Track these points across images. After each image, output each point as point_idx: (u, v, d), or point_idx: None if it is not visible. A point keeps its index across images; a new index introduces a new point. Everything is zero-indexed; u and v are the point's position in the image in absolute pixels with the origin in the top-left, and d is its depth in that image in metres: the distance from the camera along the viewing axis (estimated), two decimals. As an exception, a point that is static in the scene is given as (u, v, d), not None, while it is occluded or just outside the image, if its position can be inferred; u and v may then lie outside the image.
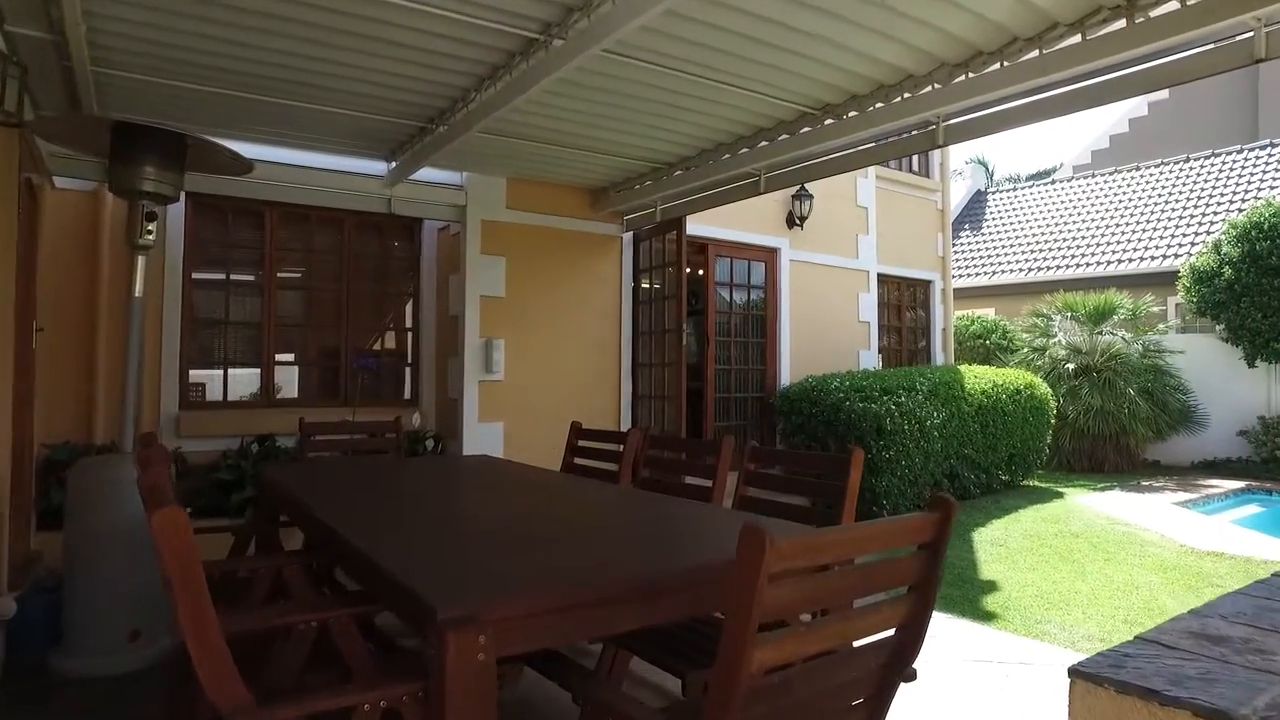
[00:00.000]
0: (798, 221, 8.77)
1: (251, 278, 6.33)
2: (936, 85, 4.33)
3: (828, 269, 9.26)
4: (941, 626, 4.65)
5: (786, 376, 8.77)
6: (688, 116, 5.15)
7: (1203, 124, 19.36)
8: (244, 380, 6.36)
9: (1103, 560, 6.20)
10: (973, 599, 5.32)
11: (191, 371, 6.04)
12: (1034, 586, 5.56)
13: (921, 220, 10.94)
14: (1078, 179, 17.54)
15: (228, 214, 6.15)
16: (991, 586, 5.60)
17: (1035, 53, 3.84)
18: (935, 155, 11.15)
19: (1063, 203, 16.70)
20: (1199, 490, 9.36)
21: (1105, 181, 16.56)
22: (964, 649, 4.30)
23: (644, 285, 7.58)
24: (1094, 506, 8.34)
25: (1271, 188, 13.44)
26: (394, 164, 6.15)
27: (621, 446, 4.13)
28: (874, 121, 4.78)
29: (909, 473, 7.76)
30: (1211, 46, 3.57)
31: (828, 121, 5.04)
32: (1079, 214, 15.92)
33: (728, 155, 5.85)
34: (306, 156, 6.02)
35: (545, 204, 7.01)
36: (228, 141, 4.77)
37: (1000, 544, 6.76)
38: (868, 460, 7.48)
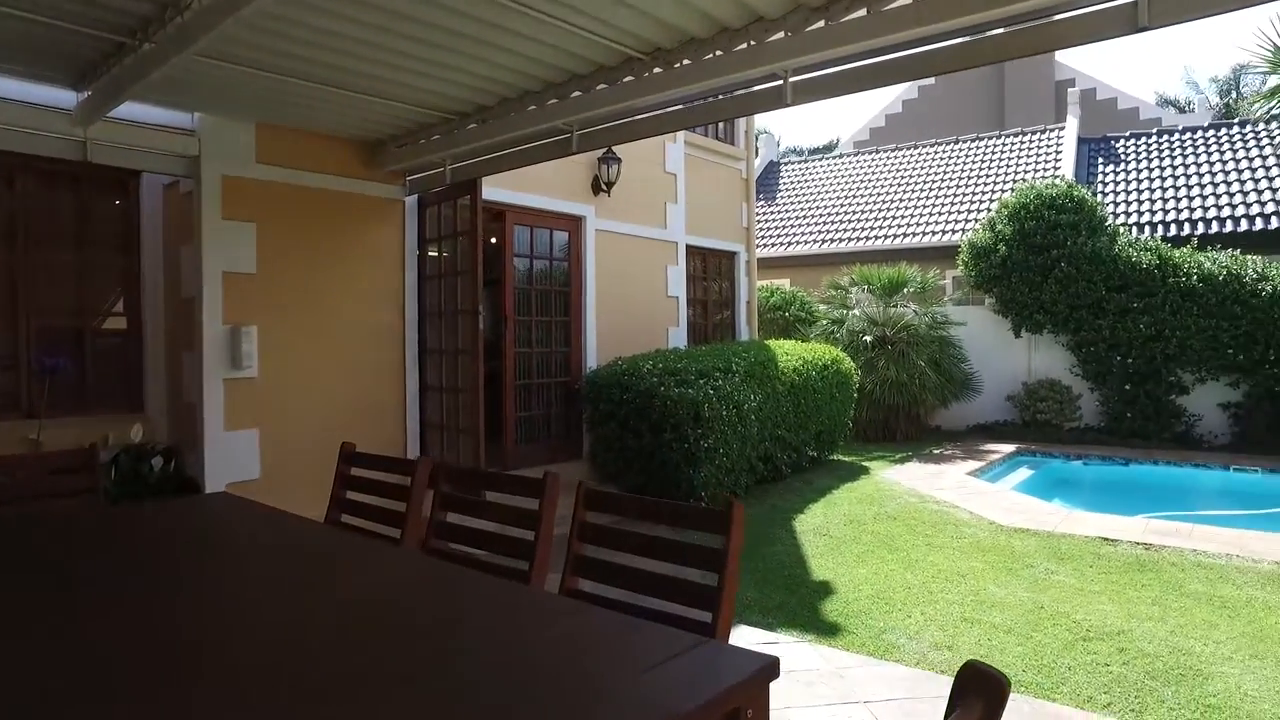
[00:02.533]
0: (604, 187, 8.00)
1: None
2: (789, 33, 3.67)
3: (636, 240, 8.59)
4: (789, 655, 4.14)
5: (593, 359, 8.03)
6: (487, 54, 4.16)
7: (962, 109, 20.90)
8: None
9: (925, 546, 6.07)
10: (811, 606, 4.89)
11: None
12: (868, 584, 5.25)
13: (727, 189, 10.57)
14: (863, 154, 18.24)
15: None
16: (826, 589, 5.22)
17: (908, -3, 3.27)
18: (740, 121, 10.80)
19: (851, 176, 17.27)
20: (982, 457, 9.83)
21: (889, 157, 17.30)
22: (820, 685, 3.80)
23: (432, 256, 6.47)
24: (900, 481, 8.41)
25: (1028, 171, 14.56)
26: (85, 94, 4.60)
27: (410, 480, 3.14)
28: (709, 73, 4.07)
29: (727, 461, 7.33)
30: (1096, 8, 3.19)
31: (655, 70, 4.27)
32: (867, 188, 16.51)
33: (534, 106, 4.93)
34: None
35: (308, 158, 5.69)
36: None
37: (823, 533, 6.48)
38: (684, 450, 6.95)
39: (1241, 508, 8.03)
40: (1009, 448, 10.49)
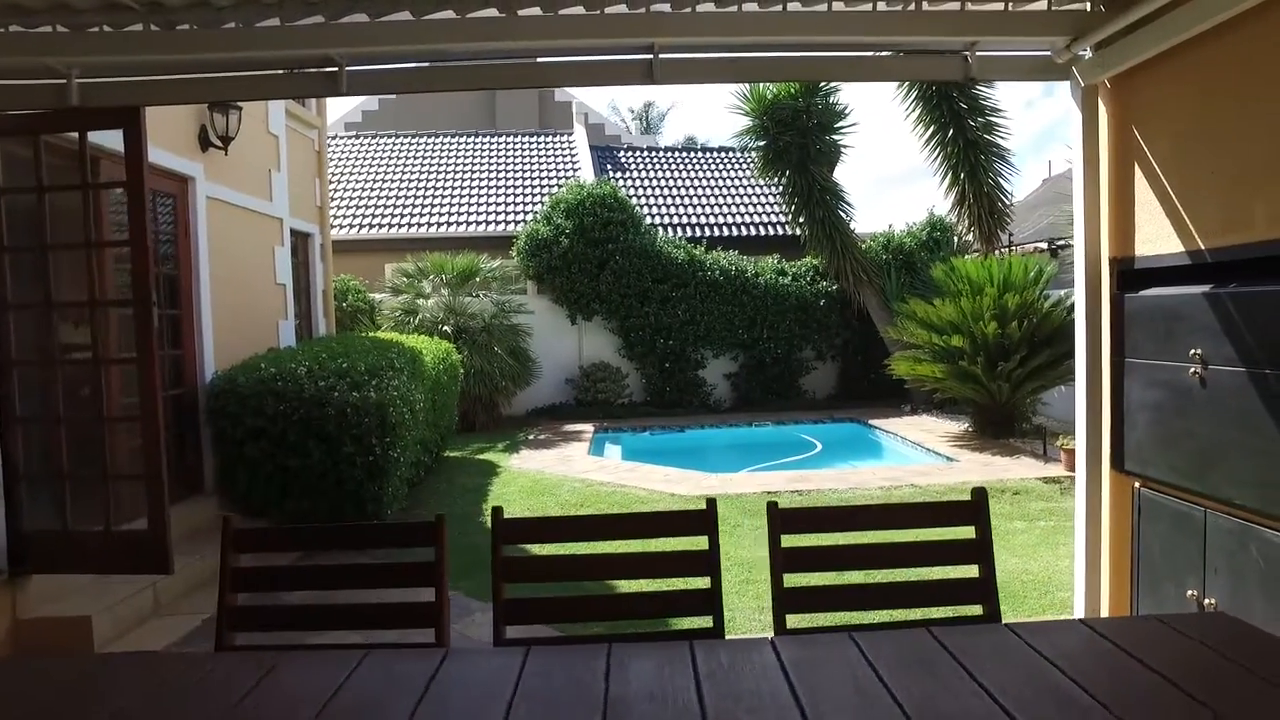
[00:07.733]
0: (217, 143, 6.18)
1: None
2: (655, 7, 3.49)
3: (247, 213, 6.84)
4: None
5: (211, 363, 6.18)
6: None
7: (456, 101, 21.35)
8: None
9: (642, 528, 6.24)
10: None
11: None
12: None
13: (303, 161, 9.08)
14: (382, 137, 17.33)
15: None
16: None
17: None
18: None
19: (370, 160, 16.28)
20: (578, 437, 10.39)
21: (410, 142, 16.79)
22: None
23: (14, 213, 4.21)
24: (544, 470, 8.39)
25: (553, 171, 15.66)
26: None
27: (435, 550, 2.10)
28: (553, 32, 3.63)
29: (405, 470, 6.43)
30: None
31: (483, 13, 3.56)
32: (392, 173, 15.76)
33: (276, 19, 3.63)
34: None
35: None
36: None
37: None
38: (369, 464, 5.93)
39: (774, 456, 10.03)
40: (588, 427, 11.29)
